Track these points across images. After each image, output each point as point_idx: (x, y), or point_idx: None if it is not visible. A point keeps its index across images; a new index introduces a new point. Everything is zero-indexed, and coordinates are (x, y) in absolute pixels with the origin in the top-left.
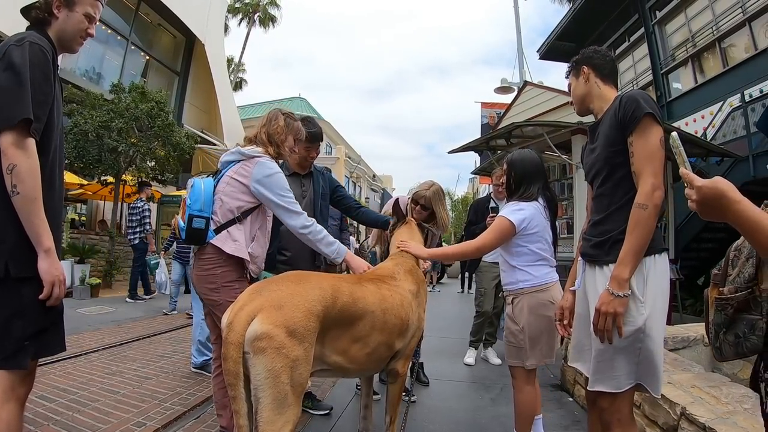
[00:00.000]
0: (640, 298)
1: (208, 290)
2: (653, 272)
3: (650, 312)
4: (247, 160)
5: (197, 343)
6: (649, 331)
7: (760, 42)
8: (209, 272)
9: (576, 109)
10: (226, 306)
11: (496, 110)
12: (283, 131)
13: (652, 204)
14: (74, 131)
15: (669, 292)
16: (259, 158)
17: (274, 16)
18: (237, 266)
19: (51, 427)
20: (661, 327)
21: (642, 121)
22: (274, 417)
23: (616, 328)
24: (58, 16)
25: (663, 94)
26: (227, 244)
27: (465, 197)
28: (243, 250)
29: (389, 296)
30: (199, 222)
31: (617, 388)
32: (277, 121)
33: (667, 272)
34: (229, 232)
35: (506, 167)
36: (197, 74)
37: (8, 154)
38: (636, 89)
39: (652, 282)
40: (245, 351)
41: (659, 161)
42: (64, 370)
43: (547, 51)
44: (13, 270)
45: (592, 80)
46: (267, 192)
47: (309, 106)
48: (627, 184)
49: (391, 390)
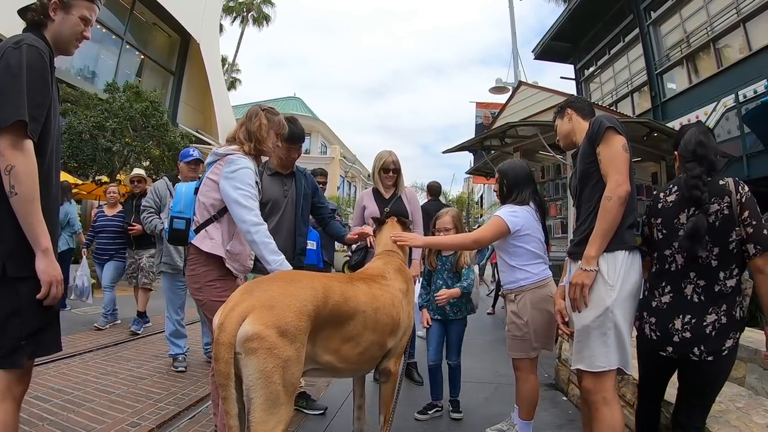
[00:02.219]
0: (609, 283)
1: (194, 290)
2: (625, 265)
3: (618, 296)
4: (221, 158)
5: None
6: (617, 312)
7: (755, 43)
8: (193, 272)
9: (562, 144)
10: (210, 305)
11: (490, 110)
12: (264, 127)
13: (616, 196)
14: (69, 131)
15: (639, 288)
16: (230, 155)
17: (269, 15)
18: (218, 265)
19: (46, 427)
20: (628, 313)
21: (605, 134)
22: (266, 417)
23: (583, 297)
24: (55, 19)
25: (657, 94)
26: (204, 243)
27: (460, 197)
28: (219, 247)
29: (380, 295)
30: (179, 223)
31: (592, 366)
32: (258, 117)
33: (638, 271)
34: (207, 231)
35: (498, 176)
36: (192, 74)
37: (6, 155)
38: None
39: (622, 272)
40: (237, 352)
41: (622, 162)
42: (58, 370)
43: (542, 51)
44: (10, 270)
45: (574, 119)
46: (227, 184)
47: (304, 105)
48: (600, 190)
49: (384, 389)
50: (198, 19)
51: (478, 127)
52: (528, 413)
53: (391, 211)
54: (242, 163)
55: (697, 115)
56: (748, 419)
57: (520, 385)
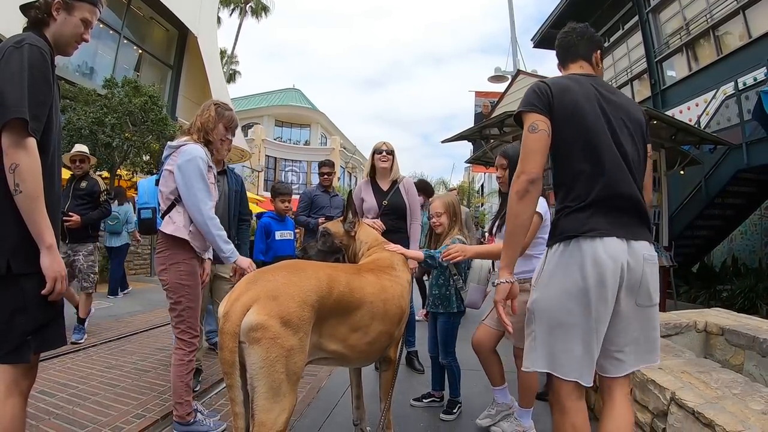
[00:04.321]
0: (532, 283)
1: (160, 271)
2: (551, 261)
3: (539, 296)
4: (175, 150)
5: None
6: (538, 313)
7: (754, 30)
8: (160, 255)
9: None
10: (173, 286)
11: (489, 99)
12: (213, 119)
13: (513, 191)
14: (68, 127)
15: (575, 283)
16: (183, 146)
17: (267, 6)
18: (181, 248)
19: (53, 421)
20: (552, 314)
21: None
22: (270, 405)
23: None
24: (57, 19)
25: (657, 81)
26: (167, 227)
27: (461, 186)
28: (182, 230)
29: (390, 287)
30: (146, 212)
31: (527, 366)
32: (209, 110)
33: (575, 262)
34: (170, 216)
35: (504, 161)
36: (190, 67)
37: (10, 153)
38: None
39: (547, 270)
40: (241, 341)
41: (525, 150)
42: (63, 365)
43: (541, 39)
44: (14, 267)
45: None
46: (180, 174)
47: (303, 96)
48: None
49: (384, 377)
50: (195, 12)
51: (478, 116)
52: (528, 401)
53: (389, 205)
54: (195, 153)
55: (697, 102)
56: (744, 405)
57: (522, 375)
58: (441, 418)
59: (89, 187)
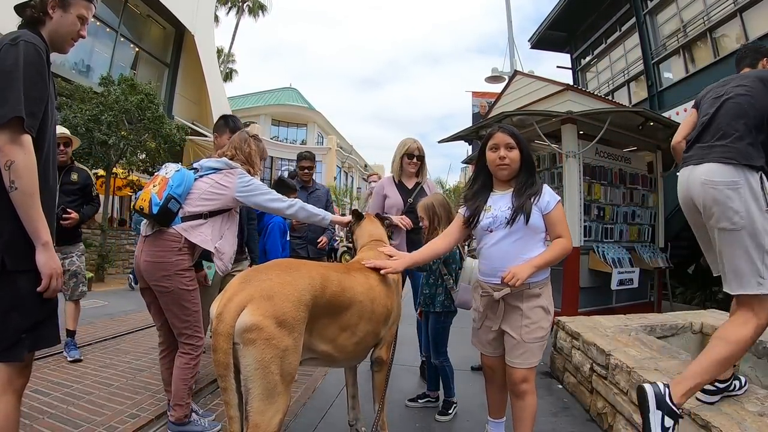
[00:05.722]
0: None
1: (160, 276)
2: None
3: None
4: (230, 170)
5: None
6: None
7: (752, 32)
8: (164, 259)
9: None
10: (177, 293)
11: (486, 99)
12: (256, 153)
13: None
14: (64, 125)
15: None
16: (239, 170)
17: (264, 5)
18: (191, 256)
19: (46, 420)
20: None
21: None
22: (264, 407)
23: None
24: (53, 16)
25: (654, 83)
26: (193, 235)
27: (457, 186)
28: (209, 242)
29: (376, 286)
30: (174, 205)
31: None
32: (249, 144)
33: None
34: (196, 224)
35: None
36: (187, 65)
37: (5, 150)
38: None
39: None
40: (235, 342)
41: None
42: (58, 363)
43: (538, 40)
44: (9, 264)
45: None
46: (252, 195)
47: (300, 96)
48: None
49: (377, 378)
50: (192, 10)
51: (475, 116)
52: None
53: (414, 202)
54: (251, 178)
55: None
56: (740, 407)
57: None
58: (436, 419)
59: (81, 180)
